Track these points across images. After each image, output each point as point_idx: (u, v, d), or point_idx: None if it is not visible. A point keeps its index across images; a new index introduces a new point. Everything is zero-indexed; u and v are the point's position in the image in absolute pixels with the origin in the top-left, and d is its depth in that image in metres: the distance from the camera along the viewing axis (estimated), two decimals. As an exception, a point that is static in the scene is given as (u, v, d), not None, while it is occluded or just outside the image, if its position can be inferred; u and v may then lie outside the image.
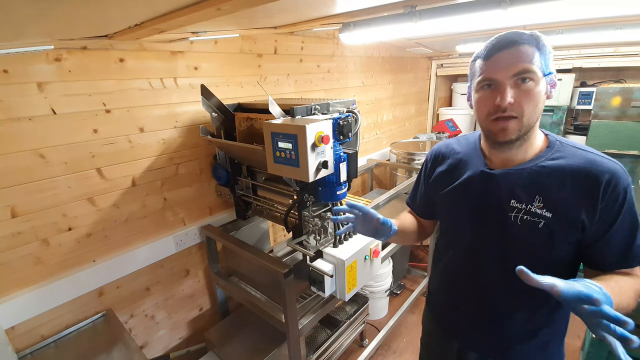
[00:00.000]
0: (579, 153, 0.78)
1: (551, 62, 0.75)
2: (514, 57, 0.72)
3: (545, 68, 0.74)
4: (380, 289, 2.31)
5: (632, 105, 2.25)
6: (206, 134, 1.53)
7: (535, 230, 0.78)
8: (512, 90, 0.72)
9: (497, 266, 0.84)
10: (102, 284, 1.42)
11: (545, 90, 0.75)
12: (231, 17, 1.02)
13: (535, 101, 0.74)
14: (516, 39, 0.73)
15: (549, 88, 0.76)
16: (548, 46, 0.74)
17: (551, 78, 0.76)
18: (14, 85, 1.10)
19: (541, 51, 0.73)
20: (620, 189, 0.74)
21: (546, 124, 2.77)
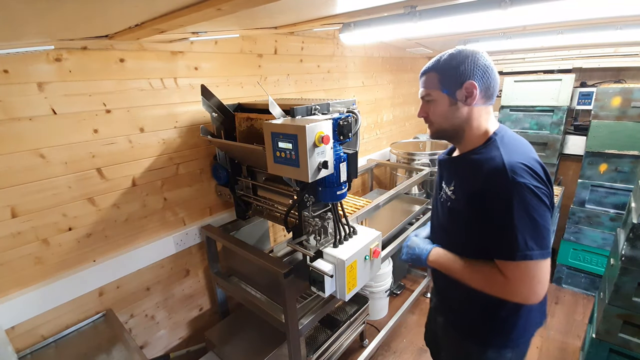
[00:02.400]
0: (494, 151, 0.89)
1: (462, 77, 0.91)
2: (423, 83, 0.99)
3: (445, 87, 0.93)
4: (381, 289, 2.31)
5: (632, 106, 2.25)
6: (206, 134, 1.53)
7: (445, 209, 1.01)
8: (424, 107, 1.00)
9: (440, 238, 1.09)
10: (102, 284, 1.42)
11: (450, 103, 0.94)
12: (231, 17, 1.02)
13: (438, 113, 0.97)
14: (426, 69, 0.97)
15: (462, 99, 0.92)
16: (455, 66, 0.91)
17: (460, 92, 0.92)
18: (14, 85, 1.10)
19: (444, 74, 0.93)
20: (501, 186, 0.83)
21: (546, 124, 2.77)
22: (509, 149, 0.88)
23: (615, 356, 1.61)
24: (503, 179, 0.82)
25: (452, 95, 0.92)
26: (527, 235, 0.81)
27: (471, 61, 0.90)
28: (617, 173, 2.40)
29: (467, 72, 0.90)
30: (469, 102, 0.92)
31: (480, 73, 0.90)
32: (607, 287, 1.66)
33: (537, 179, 0.83)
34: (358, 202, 1.95)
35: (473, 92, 0.90)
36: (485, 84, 0.91)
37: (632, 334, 1.54)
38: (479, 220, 0.89)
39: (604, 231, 2.52)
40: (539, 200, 0.82)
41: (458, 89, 0.91)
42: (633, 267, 1.48)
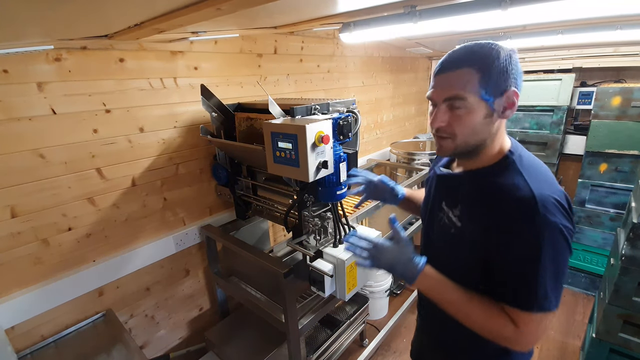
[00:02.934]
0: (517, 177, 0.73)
1: (507, 82, 0.73)
2: (449, 82, 0.74)
3: (488, 92, 0.72)
4: (380, 289, 2.31)
5: (632, 105, 2.25)
6: (206, 133, 1.53)
7: (446, 235, 0.84)
8: (446, 113, 0.75)
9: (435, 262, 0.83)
10: (102, 284, 1.42)
11: (484, 114, 0.74)
12: (231, 17, 1.02)
13: (468, 125, 0.74)
14: (458, 62, 0.74)
15: (500, 110, 0.74)
16: (499, 66, 0.72)
17: (499, 101, 0.73)
18: (14, 85, 1.10)
19: (486, 73, 0.72)
20: (531, 224, 0.68)
21: (546, 124, 2.77)
22: (534, 175, 0.73)
23: (616, 356, 1.61)
24: (533, 215, 0.68)
25: (491, 104, 0.73)
26: (549, 285, 0.70)
27: (514, 61, 0.73)
28: (617, 173, 2.40)
29: (511, 75, 0.72)
30: (506, 114, 0.75)
31: (519, 79, 0.74)
32: (607, 286, 1.66)
33: (566, 217, 0.71)
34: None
35: (515, 103, 0.74)
36: (519, 83, 0.75)
37: (632, 333, 1.54)
38: (494, 258, 0.74)
39: (604, 231, 2.51)
40: (567, 243, 0.70)
41: (499, 96, 0.73)
42: (633, 267, 1.47)
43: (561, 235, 0.69)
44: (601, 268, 2.58)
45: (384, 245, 0.85)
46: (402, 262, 0.82)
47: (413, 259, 0.82)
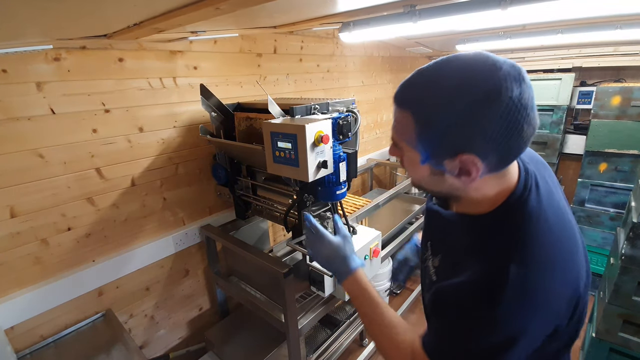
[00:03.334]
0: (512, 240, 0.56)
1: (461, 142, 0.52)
2: (394, 118, 0.59)
3: (427, 150, 0.55)
4: (380, 288, 2.31)
5: (632, 105, 2.25)
6: (205, 133, 1.53)
7: (426, 280, 0.73)
8: (396, 150, 0.63)
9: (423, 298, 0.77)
10: (101, 284, 1.41)
11: (429, 172, 0.58)
12: (230, 16, 1.02)
13: (415, 175, 0.62)
14: (402, 97, 0.56)
15: (453, 172, 0.56)
16: (451, 120, 0.50)
17: (451, 163, 0.54)
18: (13, 85, 1.10)
19: (425, 126, 0.53)
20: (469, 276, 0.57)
21: (546, 124, 2.77)
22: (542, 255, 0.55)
23: (615, 355, 1.61)
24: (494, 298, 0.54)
25: (436, 164, 0.56)
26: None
27: (484, 111, 0.49)
28: (617, 172, 2.40)
29: (469, 133, 0.50)
30: (463, 180, 0.56)
31: (497, 132, 0.49)
32: (607, 286, 1.66)
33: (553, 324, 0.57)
34: (358, 202, 1.94)
35: (471, 171, 0.54)
36: (505, 148, 0.51)
37: (632, 333, 1.54)
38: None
39: (604, 230, 2.51)
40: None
41: (447, 157, 0.54)
42: (633, 267, 1.47)
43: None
44: (601, 268, 2.58)
45: (326, 238, 0.83)
46: (338, 259, 0.81)
47: (348, 259, 0.80)
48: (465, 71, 0.51)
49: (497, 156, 0.53)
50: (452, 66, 0.52)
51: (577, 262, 0.59)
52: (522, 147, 0.53)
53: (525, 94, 0.49)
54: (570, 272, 0.58)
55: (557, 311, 0.57)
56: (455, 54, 0.54)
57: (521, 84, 0.49)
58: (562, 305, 0.57)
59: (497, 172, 0.57)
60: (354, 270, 0.79)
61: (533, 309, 0.54)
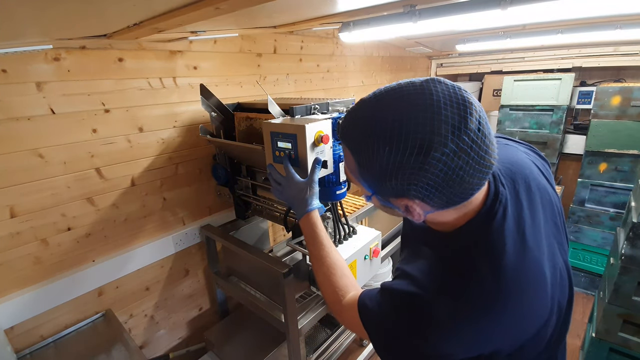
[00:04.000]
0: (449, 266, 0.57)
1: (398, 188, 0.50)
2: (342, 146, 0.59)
3: (372, 189, 0.55)
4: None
5: (632, 105, 2.25)
6: (205, 133, 1.53)
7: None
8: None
9: None
10: (101, 284, 1.41)
11: (382, 205, 0.59)
12: (230, 16, 1.02)
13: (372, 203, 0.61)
14: (345, 130, 0.56)
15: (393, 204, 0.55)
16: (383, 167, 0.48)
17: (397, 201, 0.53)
18: (12, 85, 1.10)
19: (364, 167, 0.52)
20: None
21: (546, 123, 2.77)
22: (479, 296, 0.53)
23: (615, 355, 1.61)
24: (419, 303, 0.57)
25: (382, 200, 0.57)
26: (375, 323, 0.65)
27: (417, 163, 0.46)
28: (617, 172, 2.40)
29: (405, 182, 0.49)
30: (410, 217, 0.56)
31: (434, 181, 0.47)
32: (607, 286, 1.66)
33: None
34: (358, 202, 1.94)
35: (414, 214, 0.54)
36: (448, 194, 0.49)
37: (632, 333, 1.54)
38: None
39: (604, 230, 2.52)
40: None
41: (392, 197, 0.54)
42: (633, 267, 1.47)
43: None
44: (601, 268, 2.58)
45: (291, 180, 0.95)
46: (298, 199, 0.92)
47: (307, 200, 0.90)
48: (398, 115, 0.47)
49: (442, 199, 0.50)
50: (390, 107, 0.49)
51: (531, 309, 0.57)
52: (470, 190, 0.50)
53: (468, 137, 0.45)
54: (512, 318, 0.55)
55: (475, 347, 0.56)
56: (401, 85, 0.50)
57: (464, 129, 0.45)
58: (483, 345, 0.56)
59: (448, 208, 0.54)
60: (309, 211, 0.88)
61: (447, 340, 0.55)
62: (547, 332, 0.61)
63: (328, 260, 0.80)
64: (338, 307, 0.75)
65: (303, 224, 0.89)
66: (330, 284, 0.77)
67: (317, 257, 0.82)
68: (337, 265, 0.80)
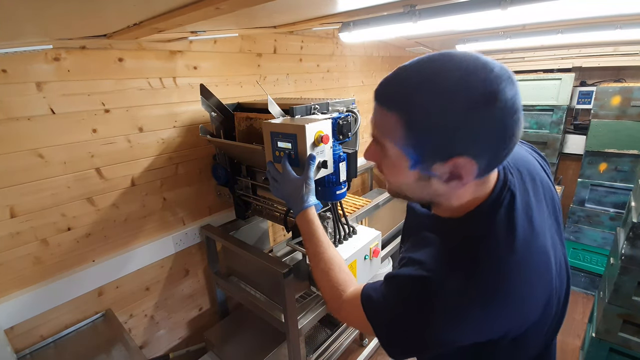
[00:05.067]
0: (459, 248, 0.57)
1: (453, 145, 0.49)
2: (376, 117, 0.56)
3: (416, 153, 0.52)
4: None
5: (632, 105, 2.25)
6: (205, 133, 1.53)
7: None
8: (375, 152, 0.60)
9: None
10: (101, 284, 1.41)
11: (415, 177, 0.55)
12: (230, 16, 1.02)
13: (395, 180, 0.59)
14: (388, 97, 0.53)
15: (442, 178, 0.54)
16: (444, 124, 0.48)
17: (440, 167, 0.52)
18: (12, 85, 1.10)
19: (414, 129, 0.50)
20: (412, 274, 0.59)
21: (546, 123, 2.77)
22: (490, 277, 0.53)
23: (615, 355, 1.61)
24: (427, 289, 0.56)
25: (424, 169, 0.54)
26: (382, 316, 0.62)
27: (481, 114, 0.47)
28: (617, 172, 2.40)
29: (465, 136, 0.48)
30: (452, 185, 0.54)
31: (491, 135, 0.48)
32: (607, 286, 1.66)
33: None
34: (358, 202, 1.94)
35: (463, 175, 0.52)
36: (495, 152, 0.50)
37: (632, 333, 1.54)
38: None
39: (604, 230, 2.52)
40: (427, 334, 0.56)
41: (438, 161, 0.51)
42: (633, 267, 1.48)
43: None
44: (601, 268, 2.58)
45: (287, 177, 0.95)
46: (294, 196, 0.91)
47: (303, 197, 0.89)
48: (460, 71, 0.47)
49: (486, 160, 0.51)
50: (443, 65, 0.49)
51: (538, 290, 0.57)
52: (510, 152, 0.52)
53: (517, 96, 0.48)
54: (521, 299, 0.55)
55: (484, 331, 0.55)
56: (442, 52, 0.51)
57: (513, 86, 0.47)
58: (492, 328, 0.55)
59: (482, 177, 0.55)
60: (305, 208, 0.88)
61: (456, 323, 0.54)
62: (548, 320, 0.61)
63: (325, 256, 0.80)
64: (338, 302, 0.73)
65: (300, 220, 0.89)
66: (329, 279, 0.76)
67: (314, 254, 0.82)
68: (334, 261, 0.79)
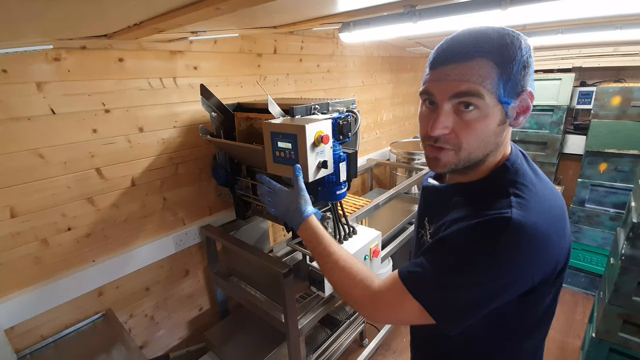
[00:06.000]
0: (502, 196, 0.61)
1: (525, 80, 0.60)
2: (461, 74, 0.58)
3: (506, 93, 0.59)
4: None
5: (632, 105, 2.25)
6: (206, 133, 1.53)
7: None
8: (450, 117, 0.60)
9: None
10: (101, 284, 1.41)
11: (499, 121, 0.60)
12: (230, 16, 1.02)
13: (479, 135, 0.60)
14: (471, 50, 0.58)
15: (513, 115, 0.61)
16: (521, 59, 0.58)
17: (516, 104, 0.61)
18: (13, 85, 1.10)
19: (507, 68, 0.58)
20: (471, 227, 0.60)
21: (546, 124, 2.77)
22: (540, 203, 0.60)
23: (615, 355, 1.61)
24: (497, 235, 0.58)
25: (508, 109, 0.61)
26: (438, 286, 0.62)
27: (530, 53, 0.60)
28: (617, 172, 2.40)
29: (529, 72, 0.61)
30: (518, 122, 0.63)
31: (532, 72, 0.62)
32: (607, 286, 1.66)
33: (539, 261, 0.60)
34: (358, 202, 1.94)
35: (530, 108, 0.62)
36: (532, 84, 0.64)
37: (632, 333, 1.54)
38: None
39: (604, 230, 2.52)
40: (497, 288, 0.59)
41: (515, 97, 0.60)
42: (633, 267, 1.48)
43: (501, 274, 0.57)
44: (601, 268, 2.58)
45: (281, 192, 0.94)
46: (291, 210, 0.89)
47: (301, 208, 0.87)
48: (505, 29, 0.60)
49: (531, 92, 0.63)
50: (491, 28, 0.60)
51: (566, 219, 0.65)
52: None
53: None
54: (563, 226, 0.63)
55: (548, 260, 0.60)
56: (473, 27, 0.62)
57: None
58: (553, 255, 0.61)
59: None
60: (305, 218, 0.85)
61: (528, 254, 0.57)
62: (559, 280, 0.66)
63: (342, 255, 0.77)
64: (369, 295, 0.69)
65: (303, 233, 0.85)
66: (353, 276, 0.72)
67: (328, 255, 0.78)
68: (352, 257, 0.77)
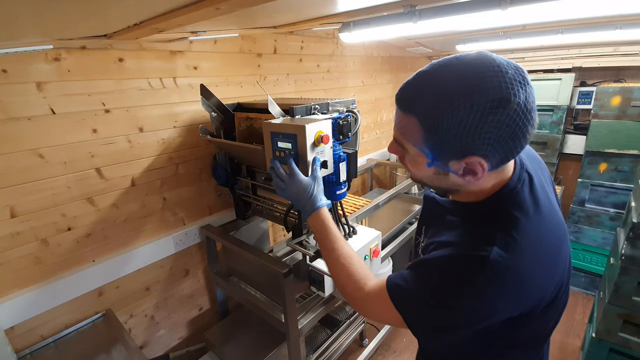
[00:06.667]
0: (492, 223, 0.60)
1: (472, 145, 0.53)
2: (398, 119, 0.61)
3: (434, 153, 0.57)
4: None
5: (632, 105, 2.25)
6: (206, 133, 1.53)
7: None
8: (397, 148, 0.65)
9: None
10: (101, 284, 1.41)
11: (434, 171, 0.61)
12: (230, 16, 1.02)
13: (417, 174, 0.64)
14: (407, 101, 0.57)
15: (459, 172, 0.58)
16: (464, 123, 0.51)
17: (456, 164, 0.57)
18: (12, 85, 1.10)
19: (431, 133, 0.54)
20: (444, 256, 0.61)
21: (546, 124, 2.77)
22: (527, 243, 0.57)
23: (615, 355, 1.61)
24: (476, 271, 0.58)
25: (441, 166, 0.59)
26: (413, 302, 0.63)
27: (493, 117, 0.50)
28: (617, 172, 2.40)
29: (477, 138, 0.52)
30: (467, 180, 0.59)
31: (504, 136, 0.52)
32: (607, 286, 1.66)
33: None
34: (358, 202, 1.94)
35: (477, 172, 0.56)
36: (509, 149, 0.54)
37: (632, 333, 1.54)
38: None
39: (604, 230, 2.51)
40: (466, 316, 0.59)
41: (454, 159, 0.57)
42: (633, 267, 1.47)
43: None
44: (601, 268, 2.58)
45: (295, 178, 0.92)
46: (304, 198, 0.89)
47: (314, 197, 0.88)
48: (473, 76, 0.51)
49: (500, 156, 0.55)
50: (458, 70, 0.52)
51: (562, 255, 0.64)
52: (524, 146, 0.56)
53: (530, 96, 0.51)
54: (554, 264, 0.62)
55: (529, 298, 0.60)
56: (457, 56, 0.54)
57: (526, 88, 0.51)
58: (535, 294, 0.60)
59: (498, 169, 0.60)
60: (317, 208, 0.87)
61: (504, 294, 0.57)
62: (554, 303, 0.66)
63: (344, 251, 0.80)
64: (361, 296, 0.72)
65: (313, 221, 0.87)
66: (350, 274, 0.76)
67: (332, 250, 0.81)
68: (353, 255, 0.79)
